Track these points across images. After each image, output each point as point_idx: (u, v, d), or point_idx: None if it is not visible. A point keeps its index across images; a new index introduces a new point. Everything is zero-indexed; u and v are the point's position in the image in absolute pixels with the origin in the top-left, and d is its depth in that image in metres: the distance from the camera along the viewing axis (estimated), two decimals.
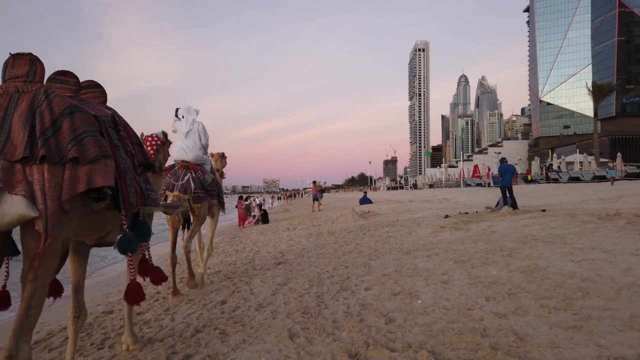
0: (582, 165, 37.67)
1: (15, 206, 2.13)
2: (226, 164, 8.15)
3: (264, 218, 20.32)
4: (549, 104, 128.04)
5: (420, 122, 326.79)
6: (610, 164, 24.17)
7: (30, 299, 2.20)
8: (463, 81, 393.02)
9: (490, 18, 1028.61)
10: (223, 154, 8.08)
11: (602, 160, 43.96)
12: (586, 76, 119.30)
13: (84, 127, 2.47)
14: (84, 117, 2.51)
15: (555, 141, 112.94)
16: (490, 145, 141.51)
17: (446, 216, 11.66)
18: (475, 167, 47.68)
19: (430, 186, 60.94)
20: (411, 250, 7.23)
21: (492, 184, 31.51)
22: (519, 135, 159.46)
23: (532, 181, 33.07)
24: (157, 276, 3.41)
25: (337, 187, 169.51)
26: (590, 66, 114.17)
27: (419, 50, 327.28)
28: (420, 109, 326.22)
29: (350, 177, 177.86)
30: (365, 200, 25.36)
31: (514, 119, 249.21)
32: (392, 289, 4.90)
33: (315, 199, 25.82)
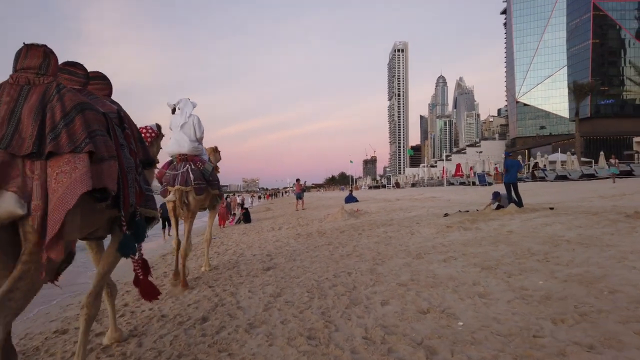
0: (563, 164, 37.63)
1: (5, 202, 2.08)
2: (220, 158, 7.93)
3: (246, 217, 19.10)
4: (525, 104, 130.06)
5: (399, 122, 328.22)
6: (612, 160, 23.72)
7: (17, 281, 2.11)
8: (441, 82, 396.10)
9: (467, 20, 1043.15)
10: (216, 147, 7.88)
11: (583, 159, 43.99)
12: (562, 78, 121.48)
13: (95, 125, 2.44)
14: (94, 115, 2.48)
15: (531, 141, 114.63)
16: (469, 145, 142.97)
17: (446, 215, 10.80)
18: (458, 165, 47.43)
19: (413, 185, 60.46)
20: (422, 254, 6.29)
21: (477, 183, 30.98)
22: (496, 135, 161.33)
23: (517, 179, 32.72)
24: (147, 280, 3.36)
25: (317, 186, 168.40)
26: (566, 68, 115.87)
27: (398, 50, 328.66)
28: (399, 109, 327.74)
29: (330, 176, 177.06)
30: (351, 199, 24.40)
31: (491, 119, 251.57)
32: (416, 303, 3.93)
33: (299, 197, 24.77)
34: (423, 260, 5.81)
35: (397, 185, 63.96)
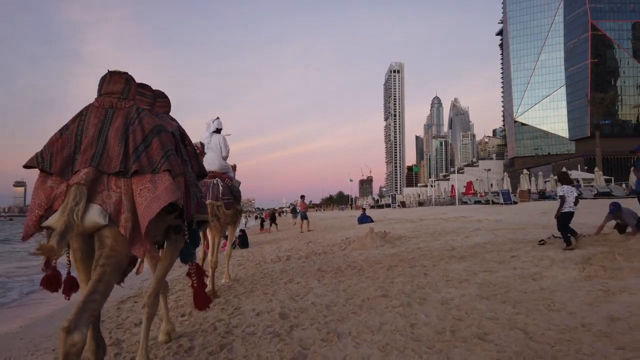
0: (590, 182, 34.76)
1: (92, 214, 2.35)
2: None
3: (243, 241, 15.42)
4: (523, 124, 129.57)
5: (395, 142, 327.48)
6: None
7: (97, 283, 2.33)
8: (436, 103, 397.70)
9: (462, 42, 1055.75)
10: (234, 166, 8.05)
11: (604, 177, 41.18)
12: (560, 97, 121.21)
13: (168, 145, 2.72)
14: (167, 136, 2.79)
15: (530, 161, 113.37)
16: (466, 165, 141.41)
17: (542, 242, 7.42)
18: (469, 183, 44.22)
19: (420, 204, 57.16)
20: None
21: (500, 201, 27.67)
22: (494, 155, 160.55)
23: (545, 197, 29.69)
24: (202, 286, 3.50)
25: (315, 206, 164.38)
26: (564, 87, 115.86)
27: (394, 71, 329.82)
28: (395, 129, 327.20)
29: (328, 195, 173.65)
30: (365, 219, 21.00)
31: (487, 140, 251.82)
32: None
33: (304, 217, 21.28)
34: None
35: (403, 204, 60.63)
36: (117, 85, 2.73)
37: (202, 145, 5.35)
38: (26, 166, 2.48)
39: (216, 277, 7.12)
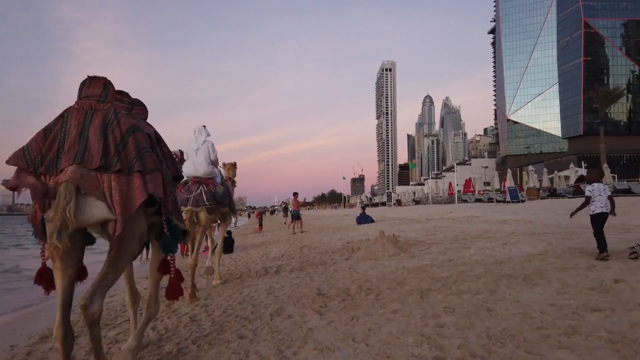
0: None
1: (99, 210, 2.58)
2: (236, 173, 8.46)
3: (227, 245, 13.00)
4: (515, 122, 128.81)
5: (387, 140, 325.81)
6: None
7: (109, 267, 2.71)
8: (428, 101, 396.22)
9: (454, 41, 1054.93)
10: (235, 163, 8.47)
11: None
12: (552, 95, 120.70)
13: (143, 144, 2.89)
14: (143, 135, 2.94)
15: (522, 159, 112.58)
16: (458, 164, 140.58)
17: (633, 254, 5.35)
18: (468, 181, 42.31)
19: (417, 202, 55.08)
20: None
21: (508, 199, 25.69)
22: (485, 153, 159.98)
23: (556, 194, 27.86)
24: (178, 279, 3.59)
25: (307, 204, 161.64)
26: (557, 86, 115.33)
27: (386, 69, 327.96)
28: (387, 127, 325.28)
29: (320, 194, 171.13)
30: (364, 219, 18.89)
31: (478, 138, 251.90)
32: None
33: (296, 216, 19.09)
34: None
35: (399, 203, 58.58)
36: (96, 89, 2.91)
37: (182, 152, 5.40)
38: (12, 163, 2.62)
39: (210, 278, 7.44)
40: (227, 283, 7.21)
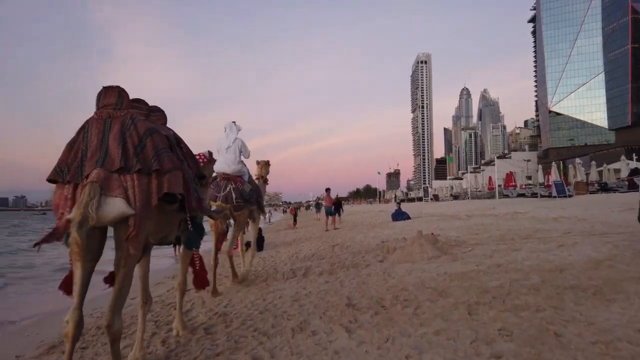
0: None
1: (117, 206, 2.75)
2: (269, 171, 8.48)
3: (259, 242, 12.88)
4: (558, 114, 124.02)
5: (423, 134, 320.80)
6: None
7: (123, 282, 2.87)
8: (465, 94, 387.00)
9: (492, 31, 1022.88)
10: (268, 161, 8.45)
11: None
12: (597, 85, 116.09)
13: (161, 145, 3.06)
14: (160, 137, 3.11)
15: (566, 152, 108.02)
16: (498, 157, 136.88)
17: None
18: (509, 175, 40.59)
19: (455, 197, 53.43)
20: None
21: (554, 194, 24.23)
22: (526, 146, 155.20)
23: (607, 189, 26.23)
24: (203, 271, 4.06)
25: (342, 199, 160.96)
26: (602, 75, 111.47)
27: (421, 62, 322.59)
28: (423, 121, 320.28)
29: (355, 189, 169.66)
30: (400, 215, 18.08)
31: (518, 131, 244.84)
32: None
33: (330, 213, 18.51)
34: None
35: (436, 198, 57.09)
36: (112, 98, 3.08)
37: (210, 153, 5.34)
38: (49, 180, 2.92)
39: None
40: (251, 287, 6.70)
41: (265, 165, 8.39)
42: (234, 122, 6.92)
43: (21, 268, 13.56)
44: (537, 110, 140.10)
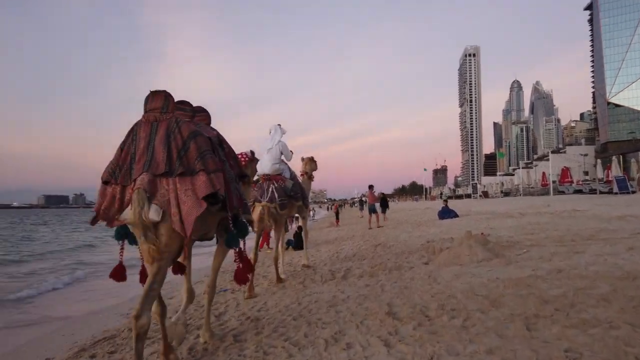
0: None
1: (151, 212, 2.85)
2: (316, 167, 8.57)
3: (297, 240, 12.56)
4: (617, 105, 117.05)
5: (471, 129, 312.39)
6: None
7: (155, 275, 2.98)
8: (516, 87, 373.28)
9: (544, 20, 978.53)
10: (312, 158, 8.52)
11: None
12: None
13: (204, 147, 3.17)
14: (203, 139, 3.22)
15: (626, 146, 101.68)
16: (552, 152, 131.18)
17: None
18: (565, 170, 38.52)
19: (506, 194, 51.38)
20: None
21: (615, 190, 22.64)
22: (582, 140, 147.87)
23: None
24: (246, 268, 3.91)
25: (387, 196, 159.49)
26: None
27: (469, 55, 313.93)
28: (471, 115, 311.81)
29: (400, 186, 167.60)
30: (447, 213, 17.34)
31: (573, 124, 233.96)
32: None
33: (372, 210, 18.05)
34: None
35: (486, 194, 55.17)
36: (158, 102, 3.22)
37: (252, 153, 5.63)
38: (104, 181, 3.04)
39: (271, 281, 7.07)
40: (287, 289, 6.41)
41: (309, 161, 8.44)
42: (279, 124, 7.00)
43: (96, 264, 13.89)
44: (594, 102, 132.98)
